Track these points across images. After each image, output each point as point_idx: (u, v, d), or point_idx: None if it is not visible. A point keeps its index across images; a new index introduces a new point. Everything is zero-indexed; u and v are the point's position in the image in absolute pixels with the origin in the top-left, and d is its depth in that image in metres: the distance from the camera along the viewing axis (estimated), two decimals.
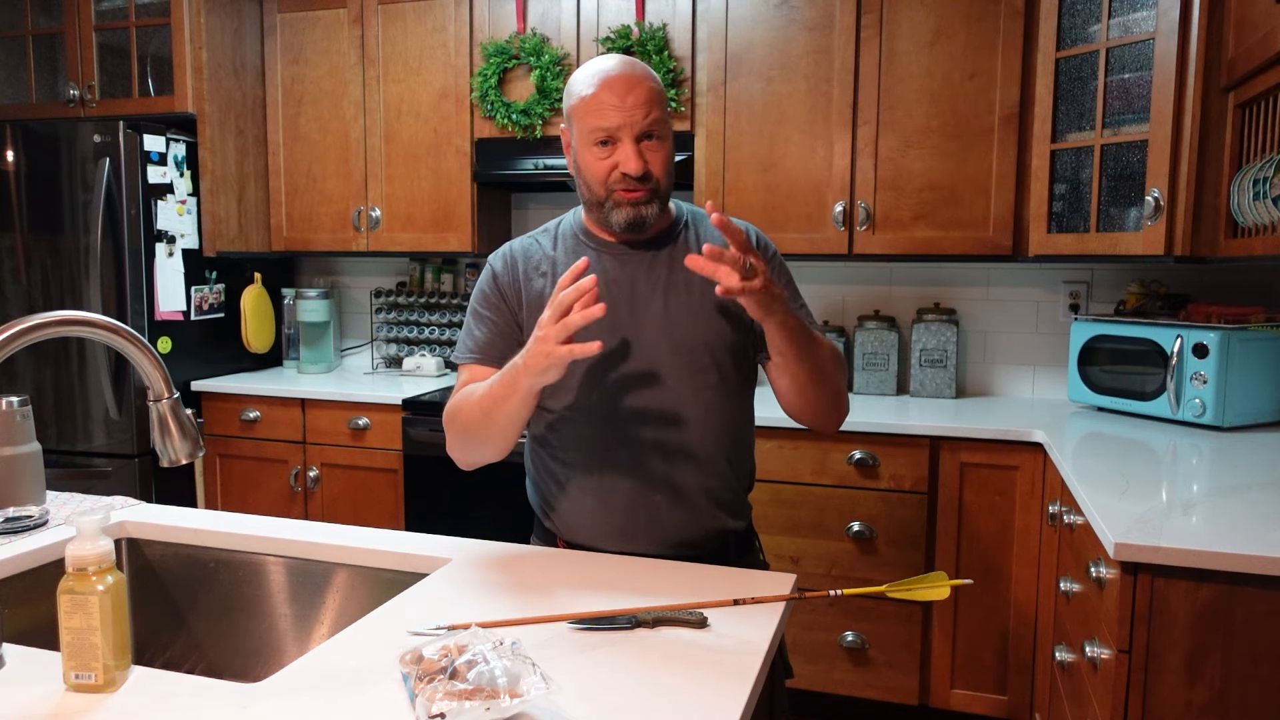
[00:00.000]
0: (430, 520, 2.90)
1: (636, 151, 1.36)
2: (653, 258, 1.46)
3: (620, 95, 1.35)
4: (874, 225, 2.76)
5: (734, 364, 1.47)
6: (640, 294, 1.44)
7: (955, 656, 2.54)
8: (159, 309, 3.12)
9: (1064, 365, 2.93)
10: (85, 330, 1.11)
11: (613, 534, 1.46)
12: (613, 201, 1.40)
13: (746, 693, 0.98)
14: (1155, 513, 1.60)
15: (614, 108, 1.35)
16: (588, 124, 1.38)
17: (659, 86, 1.40)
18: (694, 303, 1.44)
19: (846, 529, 2.56)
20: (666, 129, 1.40)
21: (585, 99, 1.37)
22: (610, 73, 1.38)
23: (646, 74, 1.39)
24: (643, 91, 1.36)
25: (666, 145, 1.41)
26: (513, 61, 3.01)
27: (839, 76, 2.74)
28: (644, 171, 1.37)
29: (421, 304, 3.53)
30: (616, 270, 1.46)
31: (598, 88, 1.36)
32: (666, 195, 1.44)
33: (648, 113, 1.36)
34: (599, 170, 1.39)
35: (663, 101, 1.39)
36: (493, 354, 1.47)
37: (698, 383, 1.43)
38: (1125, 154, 2.43)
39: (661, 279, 1.45)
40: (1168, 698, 1.45)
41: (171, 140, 3.13)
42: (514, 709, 0.87)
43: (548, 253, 1.51)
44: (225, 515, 1.60)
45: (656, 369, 1.42)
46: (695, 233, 1.50)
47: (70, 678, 0.98)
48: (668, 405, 1.42)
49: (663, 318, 1.43)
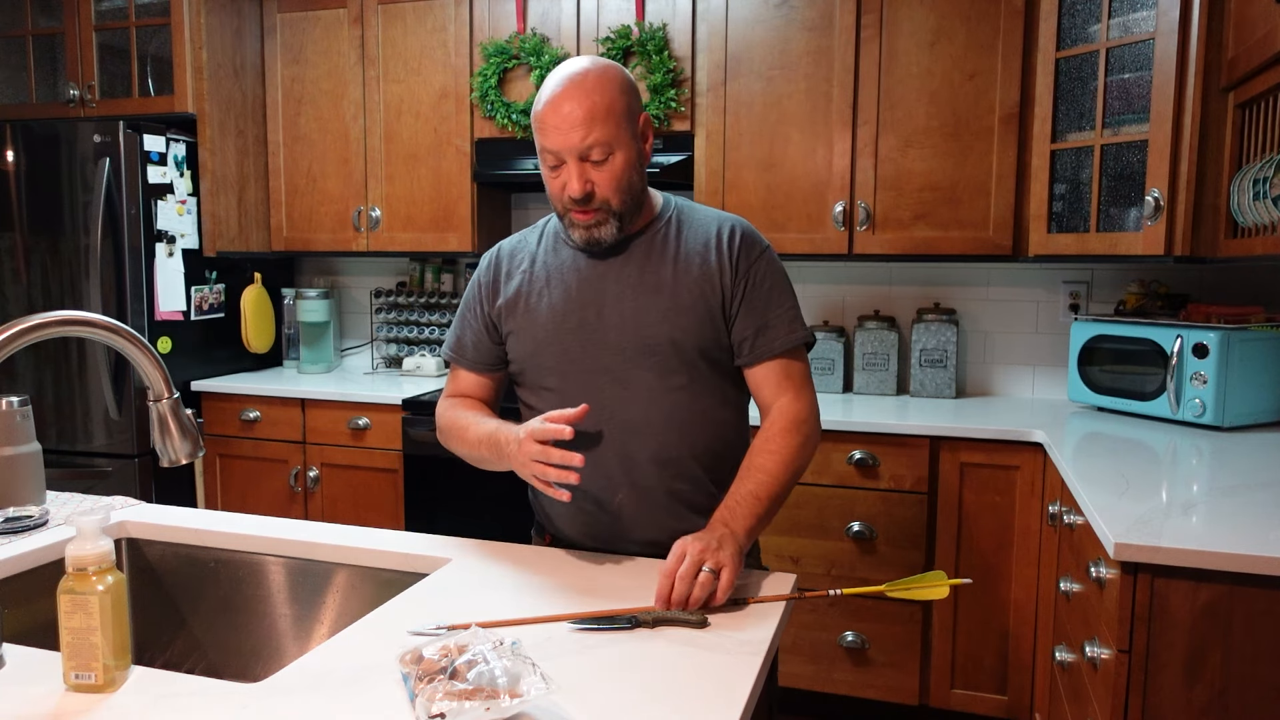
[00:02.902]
0: (430, 520, 2.90)
1: (579, 172, 1.34)
2: (626, 257, 1.45)
3: (561, 115, 1.33)
4: (874, 225, 2.76)
5: (709, 365, 1.44)
6: (610, 293, 1.44)
7: (955, 656, 2.54)
8: (159, 309, 3.12)
9: (1064, 365, 2.93)
10: (85, 330, 1.11)
11: (584, 531, 1.48)
12: (569, 220, 1.41)
13: (746, 693, 0.98)
14: (1155, 513, 1.60)
15: (555, 128, 1.33)
16: (538, 143, 1.38)
17: (608, 100, 1.33)
18: (664, 302, 1.42)
19: (847, 529, 2.56)
20: (617, 145, 1.35)
21: (536, 115, 1.37)
22: (555, 90, 1.34)
23: (594, 86, 1.33)
24: (581, 111, 1.31)
25: (616, 162, 1.35)
26: (513, 61, 3.01)
27: (839, 76, 2.74)
28: (586, 193, 1.35)
29: (421, 304, 3.53)
30: (589, 269, 1.46)
31: (544, 105, 1.35)
32: (628, 211, 1.40)
33: (586, 134, 1.32)
34: (552, 189, 1.40)
35: (612, 116, 1.33)
36: (467, 356, 1.56)
37: (666, 384, 1.42)
38: (1125, 154, 2.43)
39: (632, 278, 1.44)
40: (1168, 698, 1.45)
41: (171, 140, 3.13)
42: (514, 709, 0.87)
43: (530, 249, 1.53)
44: (225, 515, 1.60)
45: (623, 369, 1.42)
46: (676, 229, 1.47)
47: (70, 678, 0.98)
48: (632, 406, 1.42)
49: (633, 318, 1.42)
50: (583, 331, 1.43)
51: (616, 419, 1.42)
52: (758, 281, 1.44)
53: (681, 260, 1.44)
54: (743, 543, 1.28)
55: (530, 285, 1.49)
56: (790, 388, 1.44)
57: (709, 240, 1.45)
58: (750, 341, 1.44)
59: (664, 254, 1.44)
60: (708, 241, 1.45)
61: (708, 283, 1.42)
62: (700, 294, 1.42)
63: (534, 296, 1.48)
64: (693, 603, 1.17)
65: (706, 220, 1.48)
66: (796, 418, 1.42)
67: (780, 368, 1.44)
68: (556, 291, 1.46)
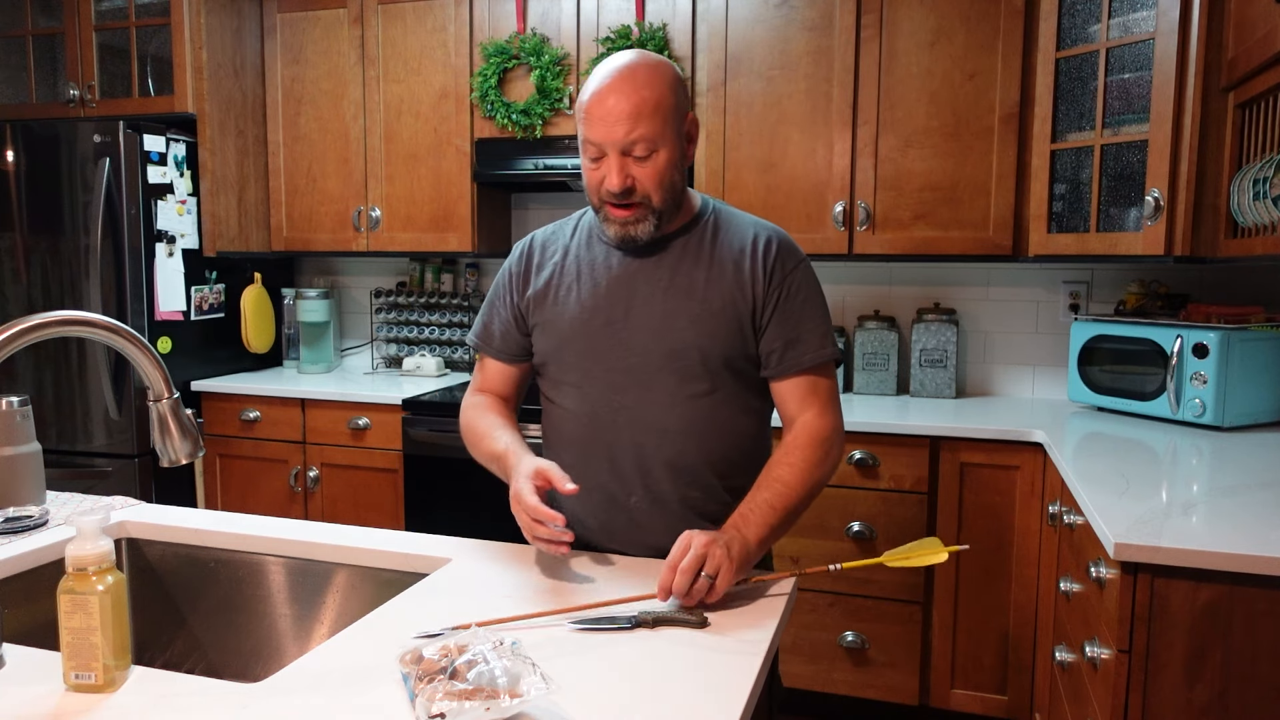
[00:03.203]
0: (430, 520, 2.90)
1: (620, 166, 1.32)
2: (660, 257, 1.43)
3: (607, 107, 1.31)
4: (874, 225, 2.76)
5: (733, 374, 1.42)
6: (640, 294, 1.42)
7: (955, 656, 2.54)
8: (159, 309, 3.12)
9: (1064, 365, 2.93)
10: (85, 330, 1.11)
11: (596, 531, 1.47)
12: (605, 215, 1.39)
13: (746, 693, 0.98)
14: (1155, 513, 1.60)
15: (600, 120, 1.31)
16: (580, 133, 1.36)
17: (656, 95, 1.31)
18: (694, 307, 1.40)
19: (847, 529, 2.56)
20: (661, 142, 1.33)
21: (582, 105, 1.35)
22: (604, 81, 1.33)
23: (644, 82, 1.32)
24: (628, 105, 1.30)
25: (659, 159, 1.33)
26: (513, 61, 3.01)
27: (839, 76, 2.74)
28: (625, 188, 1.33)
29: (421, 304, 3.53)
30: (620, 267, 1.44)
31: (591, 96, 1.33)
32: (667, 209, 1.38)
33: (631, 129, 1.30)
34: (590, 181, 1.38)
35: (659, 113, 1.32)
36: (493, 345, 1.55)
37: (686, 390, 1.40)
38: (1125, 154, 2.43)
39: (664, 280, 1.42)
40: (1168, 698, 1.45)
41: (171, 140, 3.13)
42: (514, 709, 0.87)
43: (564, 241, 1.51)
44: (225, 515, 1.60)
45: (645, 372, 1.40)
46: (712, 232, 1.45)
47: (70, 678, 0.98)
48: (651, 410, 1.40)
49: (659, 321, 1.40)
50: (609, 330, 1.42)
51: (635, 421, 1.41)
52: (792, 293, 1.41)
53: (715, 265, 1.41)
54: (753, 550, 1.27)
55: (560, 279, 1.47)
56: (816, 403, 1.42)
57: (744, 247, 1.42)
58: (779, 354, 1.41)
59: (698, 257, 1.42)
60: (743, 248, 1.42)
61: (739, 290, 1.40)
62: (731, 301, 1.40)
63: (563, 290, 1.46)
64: (689, 599, 1.17)
65: (743, 226, 1.46)
66: (819, 434, 1.40)
67: (807, 383, 1.42)
68: (586, 287, 1.44)
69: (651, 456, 1.41)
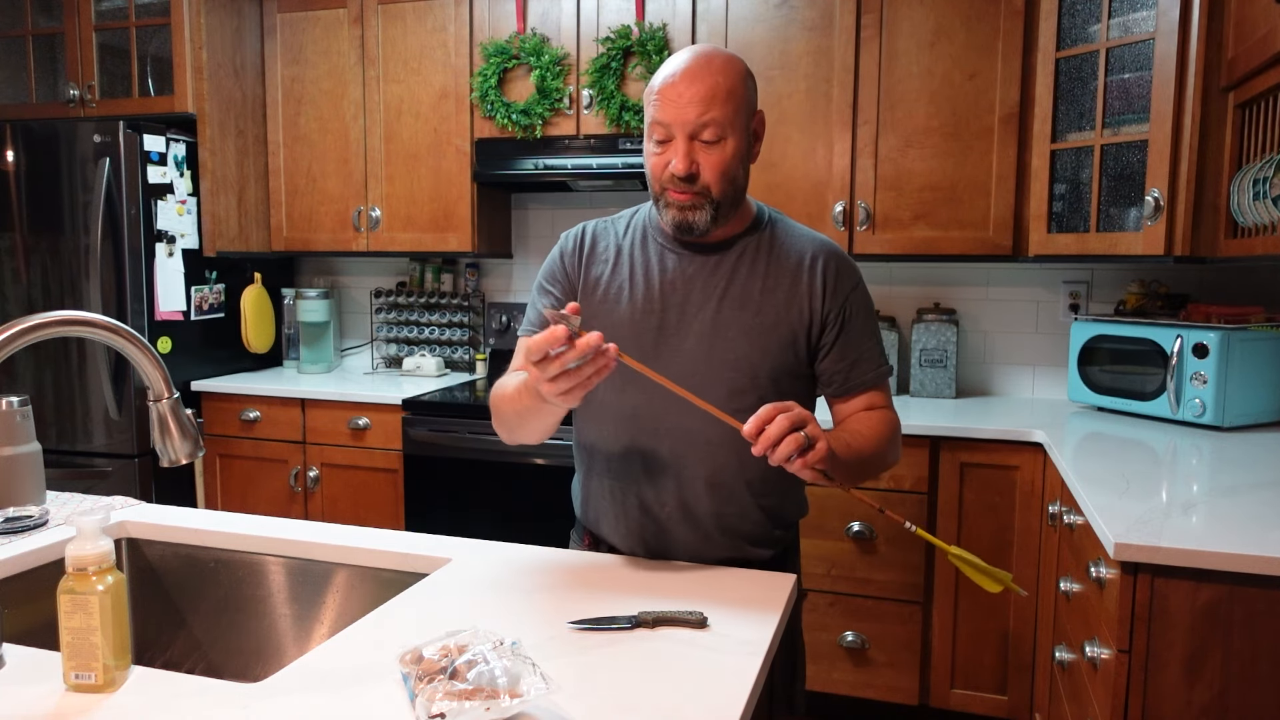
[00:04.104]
0: (430, 520, 2.90)
1: (686, 150, 1.30)
2: (716, 263, 1.40)
3: (679, 89, 1.29)
4: (874, 225, 2.76)
5: (780, 391, 1.37)
6: (694, 300, 1.39)
7: (955, 656, 2.54)
8: (159, 309, 3.12)
9: (1064, 365, 2.93)
10: (85, 330, 1.11)
11: (628, 539, 1.44)
12: (664, 200, 1.36)
13: (746, 693, 0.98)
14: (1155, 513, 1.60)
15: (672, 101, 1.30)
16: (648, 116, 1.34)
17: (730, 83, 1.30)
18: (747, 318, 1.37)
19: (846, 529, 2.56)
20: (730, 131, 1.31)
21: (653, 89, 1.33)
22: (681, 65, 1.31)
23: (720, 69, 1.31)
24: (703, 88, 1.28)
25: (726, 148, 1.32)
26: (513, 61, 3.01)
27: (839, 76, 2.74)
28: (690, 173, 1.31)
29: (421, 304, 3.53)
30: (676, 271, 1.41)
31: (664, 79, 1.32)
32: (726, 202, 1.35)
33: (703, 111, 1.28)
34: (654, 166, 1.35)
35: (731, 100, 1.30)
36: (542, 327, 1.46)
37: (732, 404, 1.33)
38: (1125, 154, 2.43)
39: (719, 287, 1.39)
40: (1168, 698, 1.45)
41: (171, 140, 3.13)
42: (514, 709, 0.87)
43: (616, 238, 1.47)
44: (225, 515, 1.60)
45: (692, 380, 1.33)
46: (770, 242, 1.42)
47: (70, 678, 0.98)
48: (692, 421, 1.35)
49: (710, 329, 1.37)
50: (661, 334, 1.39)
51: (677, 429, 1.38)
52: (852, 315, 1.41)
53: (771, 277, 1.40)
54: (837, 453, 1.23)
55: (613, 276, 1.44)
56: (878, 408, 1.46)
57: (802, 261, 1.41)
58: (843, 375, 1.42)
59: (754, 267, 1.40)
60: (800, 262, 1.41)
61: (795, 306, 1.39)
62: (785, 315, 1.38)
63: (614, 289, 1.43)
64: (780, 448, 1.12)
65: (801, 239, 1.44)
66: (890, 419, 1.43)
67: (868, 399, 1.44)
68: (639, 288, 1.41)
69: (690, 468, 1.39)
